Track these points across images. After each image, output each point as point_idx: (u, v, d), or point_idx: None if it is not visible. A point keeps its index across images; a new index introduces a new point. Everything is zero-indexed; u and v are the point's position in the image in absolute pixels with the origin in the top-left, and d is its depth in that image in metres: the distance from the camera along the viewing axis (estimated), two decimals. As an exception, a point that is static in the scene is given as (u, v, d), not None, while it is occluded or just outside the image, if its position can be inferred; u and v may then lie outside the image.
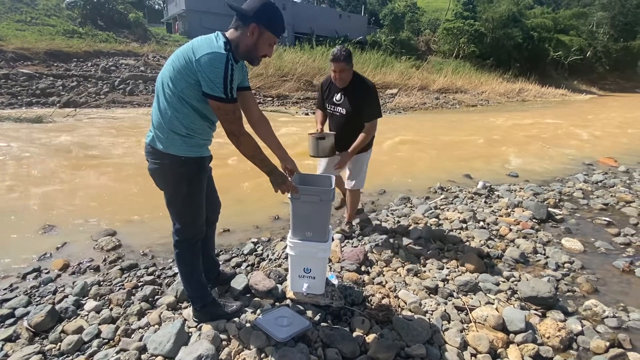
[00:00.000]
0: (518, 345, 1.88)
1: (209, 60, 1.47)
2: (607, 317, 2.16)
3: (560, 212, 3.88)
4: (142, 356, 1.75)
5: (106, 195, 4.24)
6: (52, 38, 16.40)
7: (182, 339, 1.79)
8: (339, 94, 2.74)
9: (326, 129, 2.94)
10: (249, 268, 2.66)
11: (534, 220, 3.64)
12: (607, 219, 3.75)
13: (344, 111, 2.74)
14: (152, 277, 2.50)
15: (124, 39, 20.42)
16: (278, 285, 2.26)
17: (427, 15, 40.50)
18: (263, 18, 1.58)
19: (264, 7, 1.58)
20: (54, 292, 2.33)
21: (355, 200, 3.19)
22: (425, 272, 2.59)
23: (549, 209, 3.84)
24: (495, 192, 4.59)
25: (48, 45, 14.38)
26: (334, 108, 2.79)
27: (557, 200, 4.23)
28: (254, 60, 1.69)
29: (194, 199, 1.76)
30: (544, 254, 2.98)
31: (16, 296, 2.26)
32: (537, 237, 3.28)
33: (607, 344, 1.91)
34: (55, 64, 13.52)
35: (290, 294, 2.13)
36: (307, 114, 12.43)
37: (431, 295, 2.30)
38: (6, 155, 5.60)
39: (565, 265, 2.80)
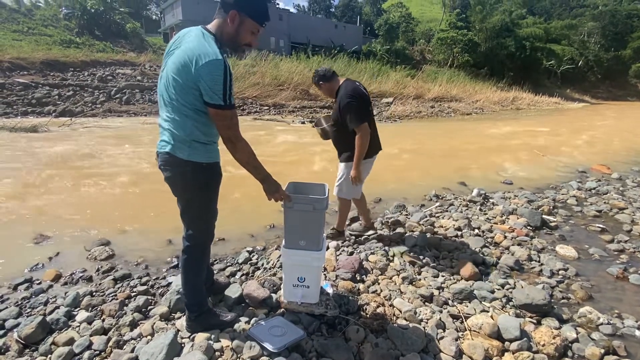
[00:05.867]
0: (513, 353, 1.87)
1: (208, 69, 1.48)
2: (601, 324, 2.16)
3: (555, 219, 3.90)
4: (134, 368, 1.72)
5: (100, 204, 4.22)
6: (49, 48, 16.48)
7: (175, 350, 1.77)
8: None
9: None
10: (243, 277, 2.64)
11: (528, 227, 3.65)
12: (601, 225, 3.77)
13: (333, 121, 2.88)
14: (145, 287, 2.47)
15: (121, 48, 20.54)
16: (272, 294, 2.25)
17: (421, 25, 41.12)
18: (243, 4, 1.57)
19: None
20: (45, 303, 2.29)
21: (340, 207, 3.14)
22: (420, 280, 2.59)
23: (543, 216, 3.86)
24: (489, 200, 4.61)
25: (45, 55, 14.43)
26: None
27: (551, 208, 4.26)
28: (238, 49, 1.68)
29: (211, 204, 1.79)
30: (539, 261, 2.98)
31: (6, 307, 2.22)
32: (531, 244, 3.29)
33: (602, 351, 1.91)
34: (51, 74, 13.55)
35: (284, 303, 2.12)
36: (303, 123, 12.49)
37: (426, 303, 2.29)
38: None
39: (560, 272, 2.81)
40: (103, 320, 2.10)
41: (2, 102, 11.02)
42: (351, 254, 2.93)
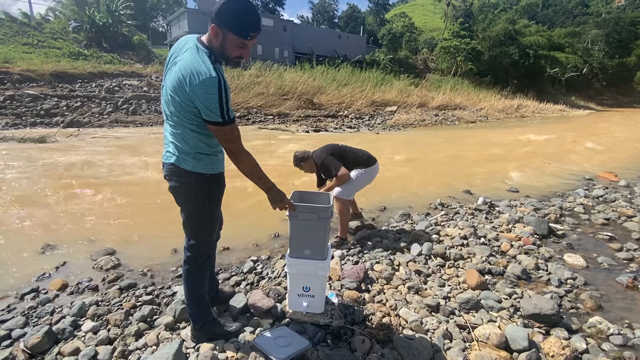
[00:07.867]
0: (522, 364, 1.84)
1: (203, 89, 1.48)
2: (612, 334, 2.13)
3: (562, 228, 3.86)
4: (139, 378, 1.71)
5: (106, 214, 4.25)
6: (58, 60, 16.78)
7: (180, 360, 1.76)
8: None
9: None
10: (248, 287, 2.64)
11: (535, 235, 3.62)
12: (609, 234, 3.73)
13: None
14: (150, 296, 2.48)
15: (128, 60, 20.87)
16: (277, 304, 2.24)
17: (424, 34, 41.39)
18: (222, 18, 1.49)
19: (223, 6, 1.48)
20: (52, 313, 2.30)
21: (340, 209, 3.36)
22: (426, 289, 2.57)
23: (550, 224, 3.82)
24: (495, 208, 4.58)
25: (54, 67, 14.70)
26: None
27: (558, 216, 4.22)
28: (228, 62, 1.62)
29: (212, 214, 1.80)
30: (546, 270, 2.95)
31: (13, 317, 2.23)
32: (538, 253, 3.26)
33: (613, 362, 1.87)
34: (60, 85, 13.77)
35: (289, 313, 2.11)
36: (307, 132, 12.55)
37: (432, 313, 2.27)
38: (8, 174, 5.64)
39: (568, 281, 2.77)
40: (108, 330, 2.10)
41: (12, 114, 11.20)
42: (356, 263, 2.92)
